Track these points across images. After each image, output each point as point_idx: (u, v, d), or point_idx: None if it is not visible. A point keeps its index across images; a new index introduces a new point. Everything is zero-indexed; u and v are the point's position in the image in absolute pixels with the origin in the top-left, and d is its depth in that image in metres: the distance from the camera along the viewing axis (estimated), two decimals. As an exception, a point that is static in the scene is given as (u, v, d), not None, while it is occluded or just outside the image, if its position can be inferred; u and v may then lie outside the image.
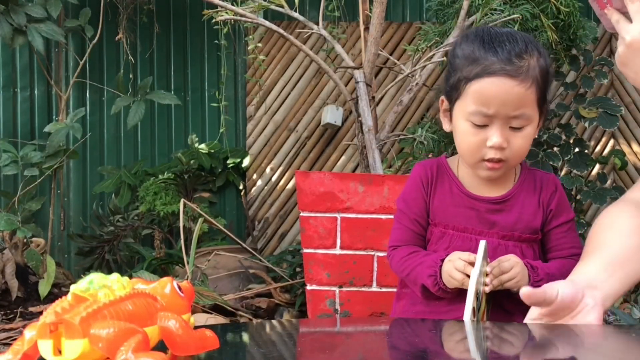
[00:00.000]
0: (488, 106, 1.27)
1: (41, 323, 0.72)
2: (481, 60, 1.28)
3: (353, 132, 4.14)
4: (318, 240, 1.93)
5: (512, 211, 1.38)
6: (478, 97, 1.28)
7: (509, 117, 1.27)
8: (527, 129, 1.30)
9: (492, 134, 1.28)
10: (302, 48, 2.56)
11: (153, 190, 3.86)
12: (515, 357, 0.89)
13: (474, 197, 1.39)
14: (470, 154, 1.33)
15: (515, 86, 1.26)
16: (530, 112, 1.29)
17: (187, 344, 0.78)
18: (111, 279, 0.78)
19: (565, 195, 1.42)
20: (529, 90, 1.27)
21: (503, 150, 1.29)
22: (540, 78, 1.29)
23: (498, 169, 1.32)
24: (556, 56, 3.16)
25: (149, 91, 3.71)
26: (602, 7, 1.21)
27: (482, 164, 1.32)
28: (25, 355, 0.73)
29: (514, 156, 1.31)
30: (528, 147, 1.33)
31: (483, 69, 1.27)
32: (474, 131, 1.30)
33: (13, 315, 3.16)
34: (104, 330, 0.71)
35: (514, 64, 1.27)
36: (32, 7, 3.58)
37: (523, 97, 1.27)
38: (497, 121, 1.28)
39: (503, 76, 1.26)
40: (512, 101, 1.26)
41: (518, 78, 1.26)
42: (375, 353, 0.92)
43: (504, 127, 1.28)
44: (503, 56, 1.27)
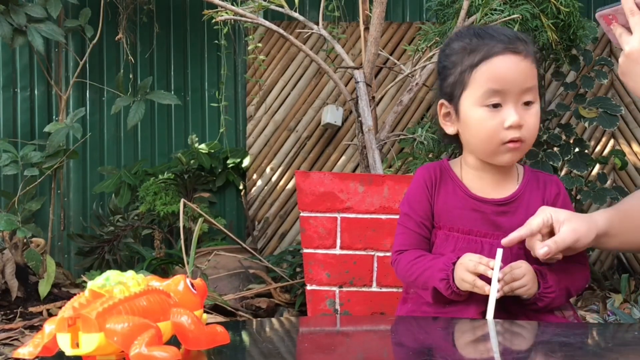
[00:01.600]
0: (500, 83, 1.30)
1: (60, 317, 0.76)
2: (481, 46, 1.33)
3: (353, 132, 4.14)
4: (318, 240, 1.93)
5: (517, 213, 1.37)
6: (488, 77, 1.31)
7: (521, 92, 1.31)
8: (535, 106, 1.33)
9: (508, 113, 1.30)
10: (302, 48, 2.56)
11: (153, 190, 3.86)
12: (514, 355, 0.89)
13: (479, 199, 1.38)
14: (489, 140, 1.33)
15: (521, 61, 1.32)
16: (536, 85, 1.33)
17: (198, 339, 0.81)
18: (127, 276, 0.81)
19: (568, 198, 1.42)
20: (532, 65, 1.33)
21: (521, 129, 1.31)
22: (536, 59, 1.35)
23: (519, 148, 1.33)
24: (556, 56, 3.17)
25: (149, 91, 3.71)
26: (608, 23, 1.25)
27: (502, 147, 1.33)
28: (45, 348, 0.78)
29: (530, 135, 1.33)
30: (538, 127, 1.35)
31: (487, 51, 1.32)
32: (489, 115, 1.31)
33: (13, 315, 3.16)
34: (119, 324, 0.75)
35: (514, 42, 1.33)
36: (32, 7, 3.58)
37: (529, 70, 1.32)
38: (510, 99, 1.30)
39: (508, 53, 1.31)
40: (520, 74, 1.31)
41: (521, 54, 1.32)
42: (378, 351, 0.92)
43: (517, 105, 1.31)
44: (501, 38, 1.33)
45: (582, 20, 3.07)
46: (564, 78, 3.42)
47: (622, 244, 1.36)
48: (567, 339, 0.98)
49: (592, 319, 2.75)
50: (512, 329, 1.12)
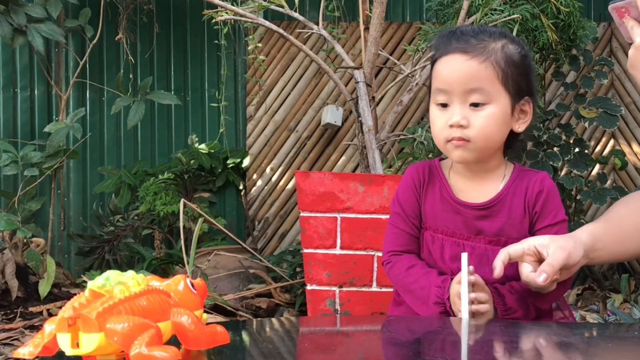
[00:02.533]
0: (443, 82, 1.32)
1: (60, 317, 0.76)
2: (441, 45, 1.35)
3: (353, 132, 4.14)
4: (318, 240, 1.93)
5: (498, 217, 1.36)
6: (436, 77, 1.34)
7: (465, 92, 1.30)
8: (488, 108, 1.30)
9: (451, 112, 1.31)
10: (302, 48, 2.56)
11: (153, 190, 3.86)
12: (514, 355, 0.89)
13: (460, 203, 1.38)
14: (438, 137, 1.35)
15: (466, 60, 1.30)
16: (488, 88, 1.29)
17: (199, 339, 0.81)
18: (127, 276, 0.81)
19: (553, 196, 1.39)
20: (482, 64, 1.30)
21: (464, 129, 1.30)
22: (503, 60, 1.31)
23: (462, 146, 1.31)
24: (556, 56, 3.17)
25: (149, 91, 3.71)
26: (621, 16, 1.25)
27: (449, 145, 1.33)
28: (45, 348, 0.78)
29: (478, 136, 1.30)
30: (494, 130, 1.31)
31: (440, 52, 1.34)
32: (439, 113, 1.33)
33: (13, 315, 3.16)
34: (119, 324, 0.75)
35: (468, 42, 1.31)
36: (32, 7, 3.58)
37: (476, 71, 1.29)
38: (455, 98, 1.30)
39: (456, 53, 1.31)
40: (464, 74, 1.30)
41: (470, 53, 1.30)
42: (378, 351, 0.92)
43: (463, 105, 1.30)
44: (461, 39, 1.33)
45: (582, 20, 3.07)
46: (564, 78, 3.42)
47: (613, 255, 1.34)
48: (567, 339, 0.98)
49: (592, 319, 2.75)
50: (512, 329, 1.12)
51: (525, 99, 1.34)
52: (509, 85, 1.31)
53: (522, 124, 1.36)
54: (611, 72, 4.13)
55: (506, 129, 1.34)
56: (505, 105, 1.31)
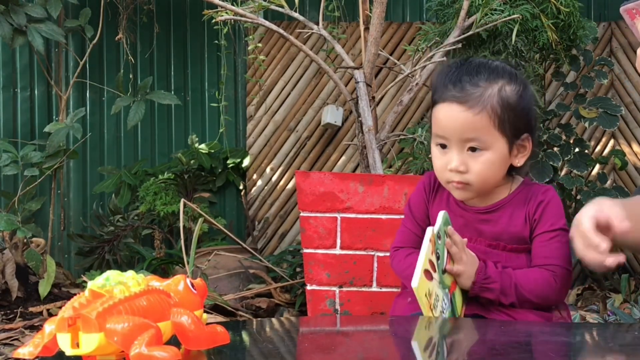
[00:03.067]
0: (441, 129, 1.36)
1: (60, 317, 0.76)
2: (440, 88, 1.37)
3: (353, 132, 4.14)
4: (318, 240, 1.93)
5: (499, 222, 1.41)
6: (435, 121, 1.38)
7: (462, 140, 1.34)
8: (485, 154, 1.34)
9: (450, 157, 1.35)
10: (302, 48, 2.56)
11: (153, 190, 3.86)
12: (515, 355, 0.89)
13: (464, 208, 1.44)
14: (439, 176, 1.41)
15: (462, 111, 1.33)
16: (485, 137, 1.33)
17: (199, 339, 0.81)
18: (127, 276, 0.81)
19: (554, 205, 1.41)
20: (478, 115, 1.32)
21: (463, 174, 1.35)
22: (498, 105, 1.33)
23: (462, 189, 1.37)
24: (556, 56, 3.17)
25: (149, 91, 3.71)
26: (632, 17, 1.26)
27: (450, 185, 1.39)
28: (45, 348, 0.78)
29: (477, 180, 1.35)
30: (492, 173, 1.36)
31: (439, 95, 1.37)
32: (439, 155, 1.38)
33: (13, 315, 3.15)
34: (119, 324, 0.75)
35: (465, 90, 1.34)
36: (32, 7, 3.58)
37: (471, 122, 1.32)
38: (453, 144, 1.35)
39: (452, 102, 1.34)
40: (460, 125, 1.33)
41: (466, 104, 1.33)
42: (378, 351, 0.92)
43: (461, 151, 1.34)
44: (458, 84, 1.35)
45: (582, 20, 3.07)
46: (564, 78, 3.42)
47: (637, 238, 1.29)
48: (567, 339, 0.98)
49: (592, 319, 2.75)
50: (513, 328, 1.12)
51: (525, 135, 1.38)
52: (506, 130, 1.34)
53: (521, 158, 1.40)
54: (611, 72, 4.12)
55: (505, 167, 1.39)
56: (502, 149, 1.35)
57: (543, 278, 1.36)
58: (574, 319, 2.58)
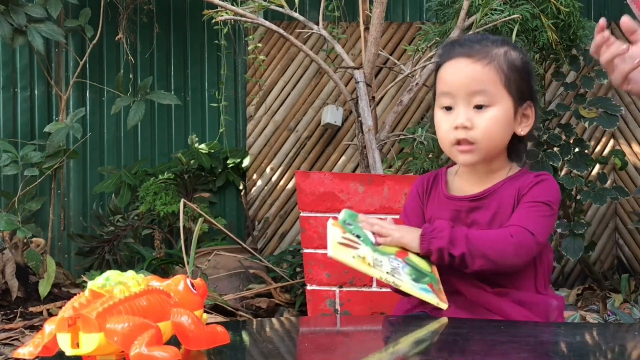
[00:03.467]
0: (447, 85, 1.35)
1: (60, 317, 0.76)
2: (446, 51, 1.39)
3: (353, 132, 4.14)
4: (318, 240, 1.93)
5: (489, 208, 1.37)
6: (440, 80, 1.37)
7: (468, 94, 1.33)
8: (491, 110, 1.33)
9: (456, 114, 1.33)
10: (302, 48, 2.56)
11: (153, 190, 3.86)
12: (515, 355, 0.89)
13: (454, 198, 1.41)
14: (444, 141, 1.38)
15: (470, 64, 1.34)
16: (492, 90, 1.32)
17: (199, 339, 0.81)
18: (127, 276, 0.81)
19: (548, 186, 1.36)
20: (486, 67, 1.33)
21: (469, 131, 1.32)
22: (505, 64, 1.34)
23: (468, 151, 1.34)
24: (556, 56, 3.17)
25: (149, 91, 3.71)
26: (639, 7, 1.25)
27: (455, 149, 1.36)
28: (45, 348, 0.78)
29: (483, 138, 1.33)
30: (498, 132, 1.34)
31: (445, 57, 1.38)
32: (443, 117, 1.36)
33: (13, 315, 3.16)
34: (119, 324, 0.75)
35: (472, 48, 1.35)
36: (32, 7, 3.58)
37: (480, 73, 1.33)
38: (459, 101, 1.33)
39: (460, 57, 1.35)
40: (467, 77, 1.33)
41: (474, 57, 1.34)
42: (378, 351, 0.92)
43: (468, 108, 1.33)
44: (466, 44, 1.37)
45: (582, 20, 3.07)
46: (564, 78, 3.42)
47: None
48: (567, 339, 0.98)
49: (592, 319, 2.75)
50: (513, 328, 1.12)
51: (528, 103, 1.37)
52: (512, 89, 1.34)
53: (525, 127, 1.38)
54: (611, 72, 4.11)
55: (509, 131, 1.36)
56: (508, 107, 1.34)
57: (499, 234, 1.30)
58: (574, 319, 2.58)
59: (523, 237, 1.29)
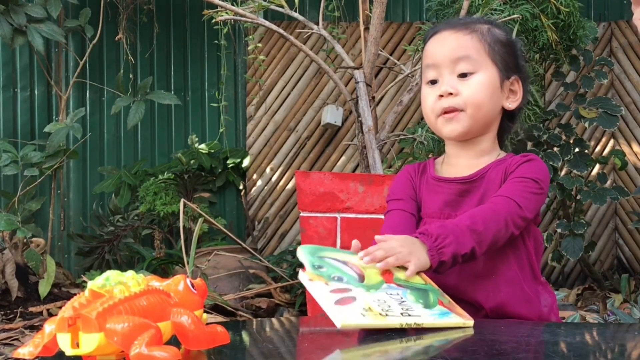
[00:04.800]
0: (431, 57, 1.35)
1: (60, 317, 0.76)
2: (430, 31, 1.40)
3: (353, 132, 4.14)
4: (318, 240, 1.93)
5: (478, 191, 1.33)
6: (425, 54, 1.37)
7: (452, 61, 1.32)
8: (476, 76, 1.31)
9: (440, 84, 1.33)
10: (302, 48, 2.56)
11: (153, 190, 3.86)
12: (515, 355, 0.89)
13: (444, 180, 1.37)
14: (429, 113, 1.36)
15: (453, 33, 1.34)
16: (475, 56, 1.32)
17: (199, 339, 0.81)
18: (127, 276, 0.81)
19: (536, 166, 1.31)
20: (468, 36, 1.33)
21: (454, 97, 1.31)
22: (489, 37, 1.34)
23: (453, 118, 1.32)
24: (556, 56, 3.17)
25: (149, 91, 3.71)
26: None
27: (440, 120, 1.34)
28: (45, 348, 0.78)
29: (468, 104, 1.31)
30: (483, 97, 1.31)
31: (430, 34, 1.39)
32: (429, 90, 1.36)
33: (13, 315, 3.16)
34: (119, 324, 0.75)
35: (456, 23, 1.37)
36: (32, 7, 3.58)
37: (462, 41, 1.33)
38: (443, 70, 1.33)
39: (444, 30, 1.36)
40: (450, 46, 1.33)
41: (457, 28, 1.35)
42: (374, 350, 0.92)
43: (452, 76, 1.32)
44: (449, 22, 1.38)
45: (582, 20, 3.07)
46: (564, 78, 3.42)
47: None
48: (567, 339, 0.98)
49: (592, 319, 2.75)
50: (513, 328, 1.12)
51: (514, 77, 1.35)
52: (496, 59, 1.33)
53: (513, 102, 1.36)
54: (611, 72, 4.12)
55: (496, 101, 1.34)
56: (493, 75, 1.33)
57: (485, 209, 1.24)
58: (574, 319, 2.58)
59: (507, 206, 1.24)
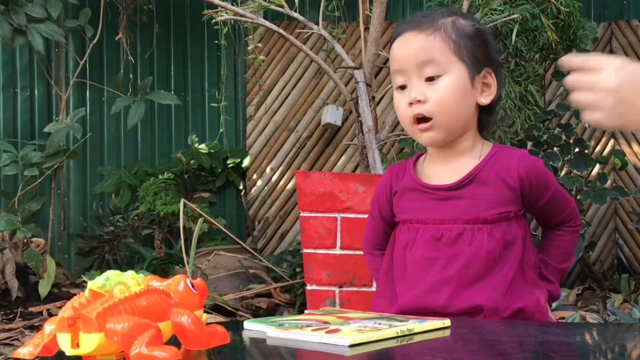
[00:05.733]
0: (396, 62, 1.31)
1: (60, 317, 0.76)
2: (396, 30, 1.35)
3: (353, 132, 4.14)
4: (318, 240, 1.93)
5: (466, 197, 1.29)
6: (392, 58, 1.33)
7: (418, 66, 1.28)
8: (444, 79, 1.27)
9: (409, 90, 1.29)
10: (302, 48, 2.56)
11: (153, 190, 3.86)
12: (514, 355, 0.89)
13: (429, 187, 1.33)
14: (403, 121, 1.33)
15: (415, 35, 1.30)
16: (440, 59, 1.27)
17: (198, 339, 0.81)
18: (127, 276, 0.81)
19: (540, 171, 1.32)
20: (431, 36, 1.28)
21: (423, 104, 1.27)
22: (454, 32, 1.29)
23: (427, 129, 1.28)
24: (556, 56, 3.17)
25: (149, 91, 3.71)
26: None
27: (415, 129, 1.31)
28: (45, 348, 0.78)
29: (438, 111, 1.27)
30: (454, 101, 1.28)
31: (395, 35, 1.34)
32: (399, 96, 1.32)
33: (13, 315, 3.15)
34: (119, 324, 0.75)
35: (419, 21, 1.32)
36: (32, 7, 3.58)
37: (425, 43, 1.28)
38: (411, 76, 1.29)
39: (405, 32, 1.32)
40: (414, 49, 1.29)
41: (419, 29, 1.30)
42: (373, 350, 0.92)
43: (419, 82, 1.28)
44: (412, 21, 1.34)
45: (582, 20, 3.07)
46: (564, 78, 3.42)
47: None
48: (567, 339, 0.98)
49: (592, 319, 2.75)
50: (513, 328, 1.12)
51: (486, 70, 1.31)
52: (463, 56, 1.29)
53: (487, 96, 1.32)
54: (611, 72, 4.12)
55: (468, 100, 1.30)
56: (461, 75, 1.29)
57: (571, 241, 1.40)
58: (574, 319, 2.58)
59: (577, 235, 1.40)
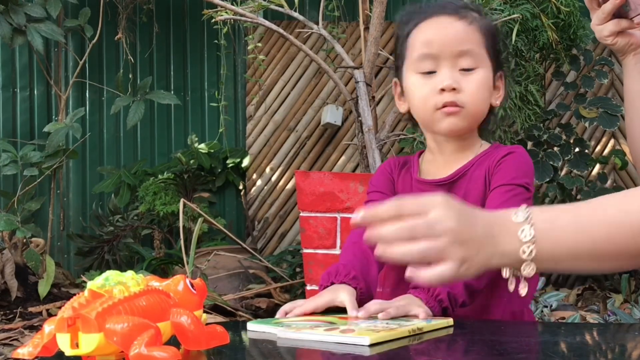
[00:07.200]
0: (430, 46, 1.22)
1: (59, 317, 0.76)
2: (418, 13, 1.27)
3: (353, 132, 4.14)
4: (318, 240, 1.93)
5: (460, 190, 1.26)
6: (420, 41, 1.24)
7: (455, 54, 1.21)
8: (478, 72, 1.23)
9: (442, 76, 1.21)
10: (302, 48, 2.56)
11: (153, 190, 3.86)
12: (515, 355, 0.89)
13: (422, 182, 1.30)
14: (424, 106, 1.25)
15: (454, 21, 1.23)
16: (477, 50, 1.23)
17: (198, 340, 0.81)
18: (126, 276, 0.81)
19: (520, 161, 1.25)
20: (470, 26, 1.23)
21: (457, 94, 1.21)
22: (484, 27, 1.25)
23: (456, 113, 1.22)
24: (556, 56, 3.17)
25: (148, 91, 3.71)
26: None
27: (438, 113, 1.23)
28: (45, 348, 0.78)
29: (470, 101, 1.22)
30: (484, 96, 1.24)
31: (422, 17, 1.25)
32: (423, 81, 1.24)
33: (13, 316, 3.15)
34: (118, 325, 0.75)
35: (450, 6, 1.25)
36: (32, 7, 3.58)
37: (465, 31, 1.22)
38: (444, 62, 1.22)
39: (441, 15, 1.24)
40: (453, 35, 1.22)
41: (456, 15, 1.23)
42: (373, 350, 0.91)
43: (453, 69, 1.22)
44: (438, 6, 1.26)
45: (582, 20, 3.07)
46: (564, 78, 3.41)
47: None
48: (567, 339, 0.98)
49: (592, 319, 2.75)
50: (513, 328, 1.12)
51: (500, 72, 1.30)
52: (491, 53, 1.26)
53: (497, 98, 1.30)
54: (611, 72, 4.12)
55: (489, 97, 1.28)
56: (489, 72, 1.26)
57: None
58: (574, 319, 2.58)
59: None
